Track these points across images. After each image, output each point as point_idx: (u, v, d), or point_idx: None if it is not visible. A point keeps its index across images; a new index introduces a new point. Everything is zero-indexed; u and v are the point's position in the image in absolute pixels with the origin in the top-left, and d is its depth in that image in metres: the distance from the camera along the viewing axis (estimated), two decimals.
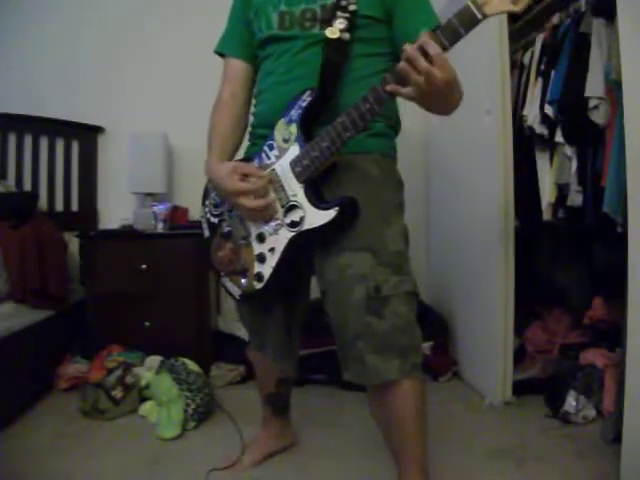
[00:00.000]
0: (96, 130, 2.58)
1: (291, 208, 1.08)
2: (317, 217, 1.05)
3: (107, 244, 2.22)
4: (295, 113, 1.08)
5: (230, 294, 1.25)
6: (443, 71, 0.86)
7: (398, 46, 1.12)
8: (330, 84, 1.09)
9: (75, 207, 2.56)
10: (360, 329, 1.05)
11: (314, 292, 1.40)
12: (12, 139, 2.49)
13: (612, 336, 1.79)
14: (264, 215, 1.12)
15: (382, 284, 1.05)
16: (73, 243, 2.30)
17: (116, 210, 2.52)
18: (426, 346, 2.22)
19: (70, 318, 2.16)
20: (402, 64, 0.88)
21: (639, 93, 1.22)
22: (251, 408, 1.64)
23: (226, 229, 1.22)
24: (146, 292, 2.15)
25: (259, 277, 1.15)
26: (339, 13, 1.09)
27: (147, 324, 2.14)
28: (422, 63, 0.85)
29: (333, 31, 1.08)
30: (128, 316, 2.14)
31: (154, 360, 2.00)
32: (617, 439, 1.37)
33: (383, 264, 1.06)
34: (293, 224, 1.08)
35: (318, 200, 1.06)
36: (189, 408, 1.72)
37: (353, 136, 1.01)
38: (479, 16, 0.84)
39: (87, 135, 2.57)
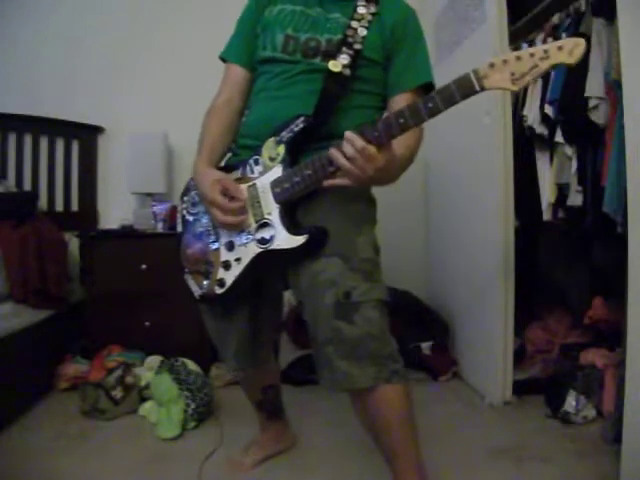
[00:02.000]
0: (96, 130, 2.58)
1: (264, 225, 1.10)
2: (286, 240, 1.07)
3: (107, 244, 2.21)
4: (286, 135, 1.10)
5: (191, 292, 1.26)
6: (371, 161, 0.93)
7: (389, 92, 1.20)
8: (324, 112, 1.12)
9: (75, 207, 2.56)
10: (329, 334, 1.05)
11: None
12: (12, 139, 2.49)
13: (612, 336, 1.79)
14: (234, 228, 1.14)
15: (351, 290, 1.05)
16: (73, 243, 2.30)
17: (116, 210, 2.52)
18: (426, 346, 2.22)
19: (70, 318, 2.16)
20: (332, 150, 0.96)
21: (639, 93, 1.22)
22: (251, 408, 1.64)
23: (199, 229, 1.24)
24: (146, 292, 2.15)
25: (221, 283, 1.17)
26: (344, 49, 1.12)
27: (147, 324, 2.15)
28: (349, 150, 0.92)
29: (336, 64, 1.12)
30: (128, 316, 2.14)
31: (154, 360, 2.00)
32: (617, 439, 1.37)
33: (353, 270, 1.06)
34: (263, 241, 1.10)
35: (291, 224, 1.08)
36: (189, 408, 1.72)
37: (336, 171, 1.02)
38: (477, 88, 0.88)
39: (87, 135, 2.57)
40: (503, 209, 1.84)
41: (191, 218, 1.27)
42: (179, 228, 1.31)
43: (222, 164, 1.26)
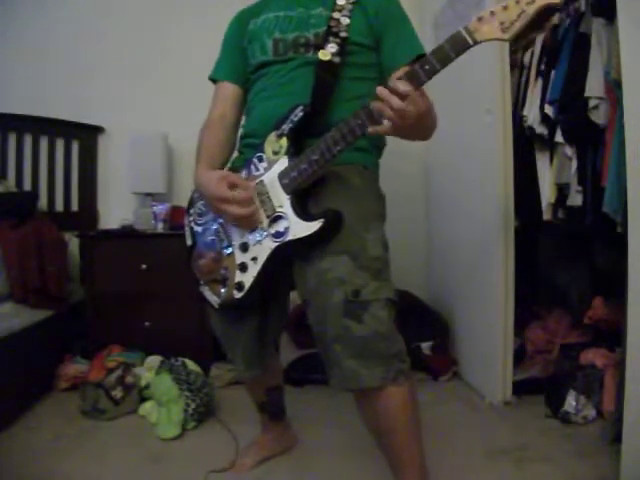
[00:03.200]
0: (96, 130, 2.58)
1: (276, 219, 1.09)
2: (301, 228, 1.06)
3: (107, 244, 2.21)
4: (286, 127, 1.11)
5: (208, 303, 1.25)
6: (415, 105, 0.91)
7: (385, 72, 1.20)
8: (321, 102, 1.13)
9: (75, 207, 2.56)
10: (338, 333, 1.05)
11: None
12: (12, 139, 2.49)
13: (612, 336, 1.79)
14: (247, 223, 1.13)
15: (361, 288, 1.04)
16: (73, 243, 2.30)
17: (116, 210, 2.53)
18: (426, 346, 2.22)
19: (70, 318, 2.16)
20: (376, 103, 0.93)
21: (639, 93, 1.22)
22: (251, 408, 1.64)
23: (209, 238, 1.23)
24: (146, 292, 2.15)
25: (239, 286, 1.15)
26: (331, 38, 1.15)
27: (147, 324, 2.14)
28: (395, 101, 0.90)
29: (325, 53, 1.14)
30: (128, 316, 2.14)
31: (154, 360, 2.00)
32: (617, 439, 1.37)
33: (362, 268, 1.06)
34: (277, 234, 1.09)
35: (303, 212, 1.08)
36: (189, 408, 1.72)
37: (342, 150, 1.03)
38: (470, 42, 0.89)
39: (87, 135, 2.57)
40: (503, 209, 1.84)
41: (200, 229, 1.26)
42: (188, 241, 1.30)
43: (228, 166, 1.26)
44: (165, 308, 2.15)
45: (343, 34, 1.15)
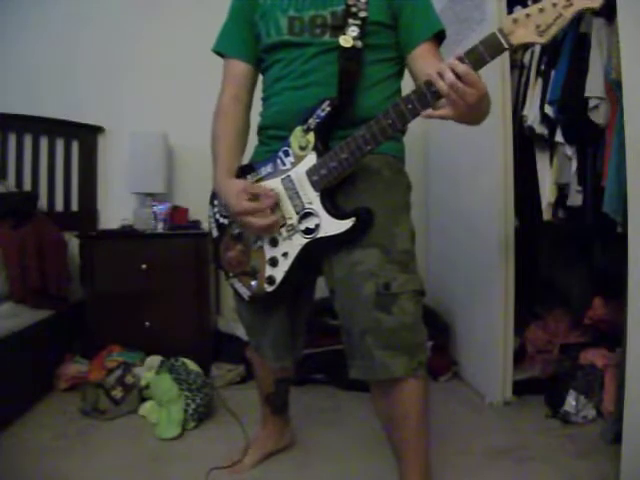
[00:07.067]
0: (96, 130, 2.58)
1: (306, 215, 1.09)
2: (332, 226, 1.06)
3: (107, 244, 2.22)
4: (313, 122, 1.09)
5: (239, 295, 1.25)
6: (477, 88, 0.88)
7: (403, 50, 1.17)
8: (347, 92, 1.10)
9: (75, 207, 2.56)
10: (369, 324, 1.06)
11: (318, 292, 1.41)
12: (12, 139, 2.49)
13: (612, 336, 1.79)
14: (271, 232, 1.12)
15: (391, 281, 1.05)
16: (73, 243, 2.30)
17: (116, 210, 2.53)
18: (426, 346, 2.22)
19: (70, 318, 2.16)
20: (440, 83, 0.88)
21: (639, 93, 1.22)
22: (251, 408, 1.64)
23: (236, 231, 1.22)
24: (146, 292, 2.16)
25: (271, 280, 1.16)
26: (350, 20, 1.10)
27: (147, 324, 2.15)
28: (457, 83, 0.87)
29: (347, 39, 1.09)
30: (128, 316, 2.14)
31: (154, 360, 2.00)
32: (617, 439, 1.37)
33: (392, 261, 1.07)
34: (308, 231, 1.09)
35: (334, 209, 1.07)
36: (189, 408, 1.72)
37: (373, 149, 1.02)
38: (505, 45, 0.87)
39: (87, 135, 2.57)
40: (503, 209, 1.84)
41: (226, 221, 1.25)
42: (214, 233, 1.29)
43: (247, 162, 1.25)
44: (165, 308, 2.15)
45: (362, 13, 1.09)
